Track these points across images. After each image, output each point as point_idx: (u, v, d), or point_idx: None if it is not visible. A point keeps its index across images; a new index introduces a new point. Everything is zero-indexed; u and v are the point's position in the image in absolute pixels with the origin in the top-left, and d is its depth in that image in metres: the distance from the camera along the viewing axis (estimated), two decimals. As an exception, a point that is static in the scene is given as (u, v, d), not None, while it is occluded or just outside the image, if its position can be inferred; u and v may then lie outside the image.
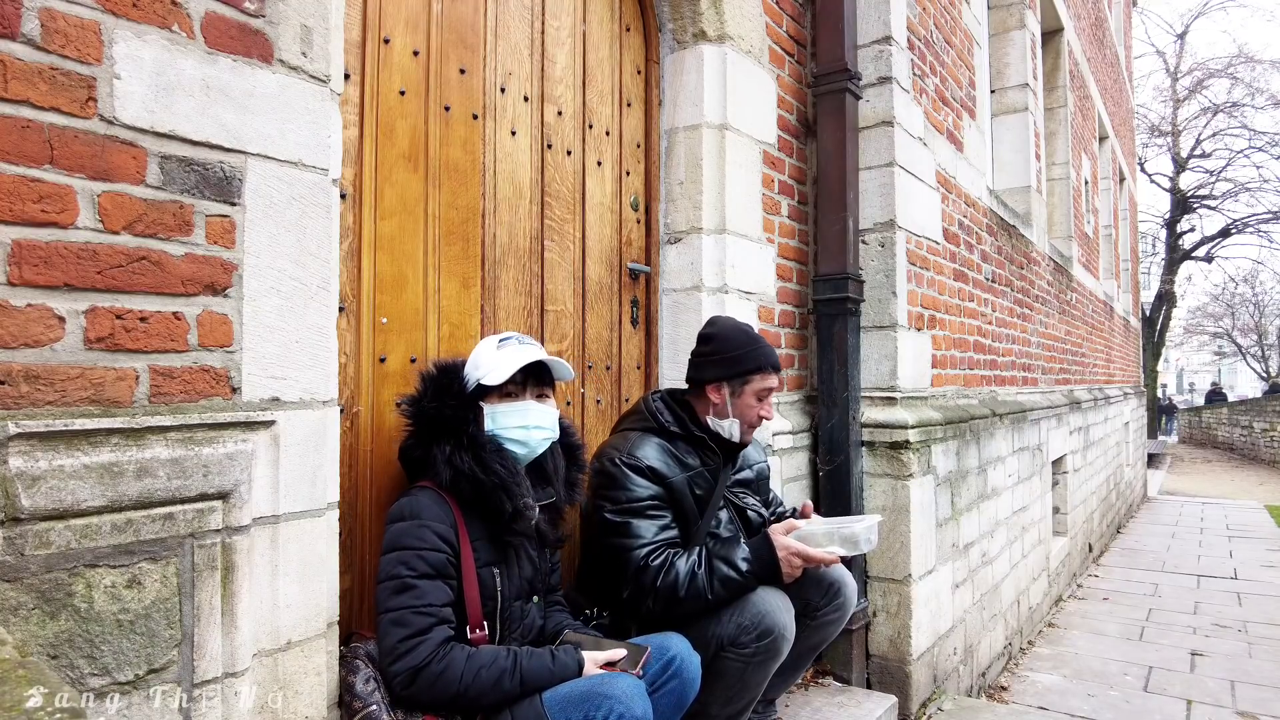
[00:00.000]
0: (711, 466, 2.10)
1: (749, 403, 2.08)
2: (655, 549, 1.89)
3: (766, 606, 1.84)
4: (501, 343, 1.73)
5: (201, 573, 1.24)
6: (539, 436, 1.72)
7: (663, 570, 1.86)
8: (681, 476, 2.02)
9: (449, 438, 1.63)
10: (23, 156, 1.10)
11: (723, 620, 1.84)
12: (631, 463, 1.96)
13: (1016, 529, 4.37)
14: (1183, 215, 21.17)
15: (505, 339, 1.74)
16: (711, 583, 1.85)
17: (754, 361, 2.07)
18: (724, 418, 2.09)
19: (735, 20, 2.69)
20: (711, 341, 2.12)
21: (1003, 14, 5.28)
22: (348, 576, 1.69)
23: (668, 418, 2.08)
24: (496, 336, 1.76)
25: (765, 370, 2.08)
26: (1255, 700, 3.56)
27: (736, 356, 2.07)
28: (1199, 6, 21.53)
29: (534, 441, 1.72)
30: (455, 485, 1.61)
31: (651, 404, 2.12)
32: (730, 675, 1.85)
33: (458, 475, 1.60)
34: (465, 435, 1.63)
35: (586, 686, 1.52)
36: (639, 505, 1.93)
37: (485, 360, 1.70)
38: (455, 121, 2.01)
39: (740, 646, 1.83)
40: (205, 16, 1.30)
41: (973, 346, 3.99)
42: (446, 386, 1.68)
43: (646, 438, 2.04)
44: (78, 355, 1.15)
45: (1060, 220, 6.61)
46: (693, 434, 2.08)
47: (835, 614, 2.09)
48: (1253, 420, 18.43)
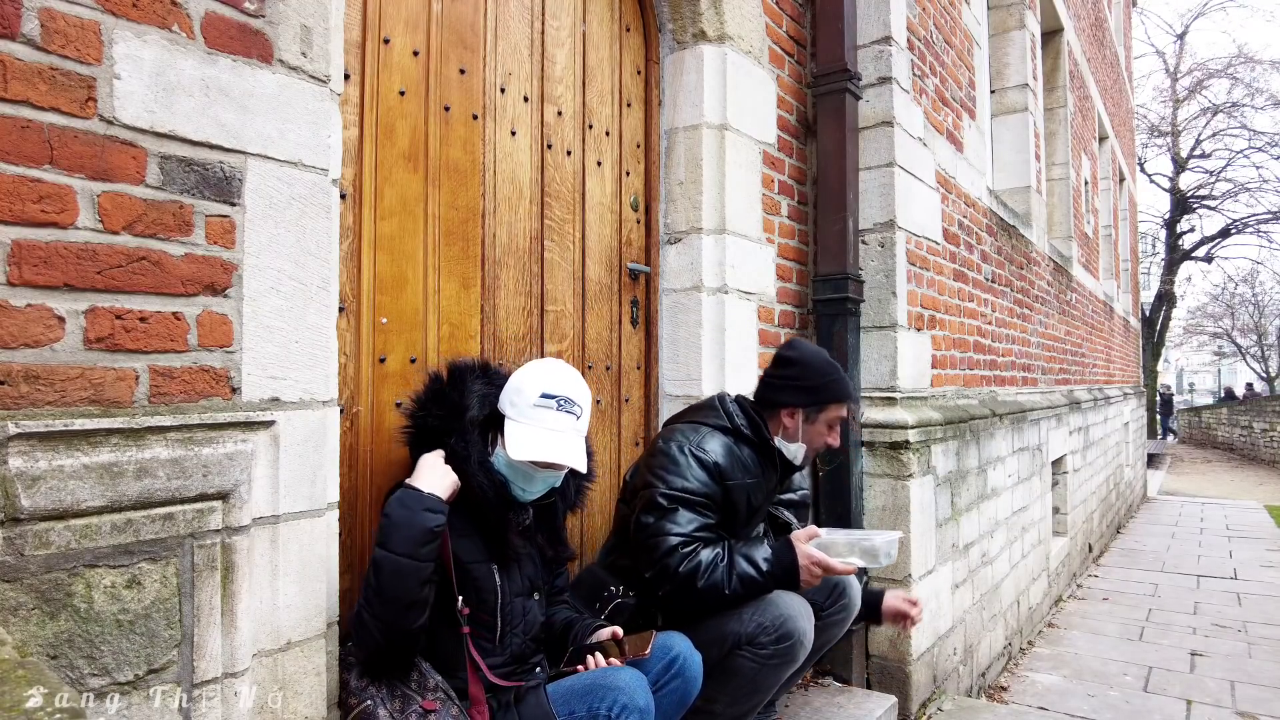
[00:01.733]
0: (770, 481, 2.11)
1: (820, 430, 2.09)
2: (687, 541, 1.89)
3: (790, 611, 1.84)
4: (544, 399, 1.61)
5: (201, 573, 1.24)
6: (539, 491, 1.68)
7: (686, 558, 1.85)
8: (742, 482, 2.01)
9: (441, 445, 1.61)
10: (22, 156, 1.10)
11: (743, 618, 1.83)
12: (700, 454, 1.96)
13: (1016, 529, 4.37)
14: (1182, 215, 21.19)
15: (550, 395, 1.62)
16: (730, 577, 1.84)
17: (834, 393, 2.08)
18: (793, 441, 2.09)
19: (735, 20, 2.69)
20: (793, 366, 2.11)
21: (1002, 14, 5.28)
22: (348, 576, 1.69)
23: (742, 421, 2.06)
24: (545, 381, 1.64)
25: (843, 402, 2.10)
26: (1255, 700, 3.56)
27: (819, 386, 2.07)
28: (1199, 6, 21.56)
29: (530, 496, 1.68)
30: None
31: (726, 405, 2.10)
32: (743, 675, 1.84)
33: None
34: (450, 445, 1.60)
35: (591, 679, 1.53)
36: (691, 497, 1.92)
37: (521, 403, 1.62)
38: (455, 121, 2.01)
39: (758, 646, 1.82)
40: (205, 16, 1.30)
41: (972, 347, 3.99)
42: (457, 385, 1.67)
43: (717, 435, 2.02)
44: (77, 355, 1.15)
45: (1060, 220, 6.61)
46: (766, 444, 2.07)
47: (840, 615, 2.10)
48: (1252, 420, 18.44)
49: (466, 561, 1.61)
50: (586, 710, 1.47)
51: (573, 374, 1.70)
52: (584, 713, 1.48)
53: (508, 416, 1.63)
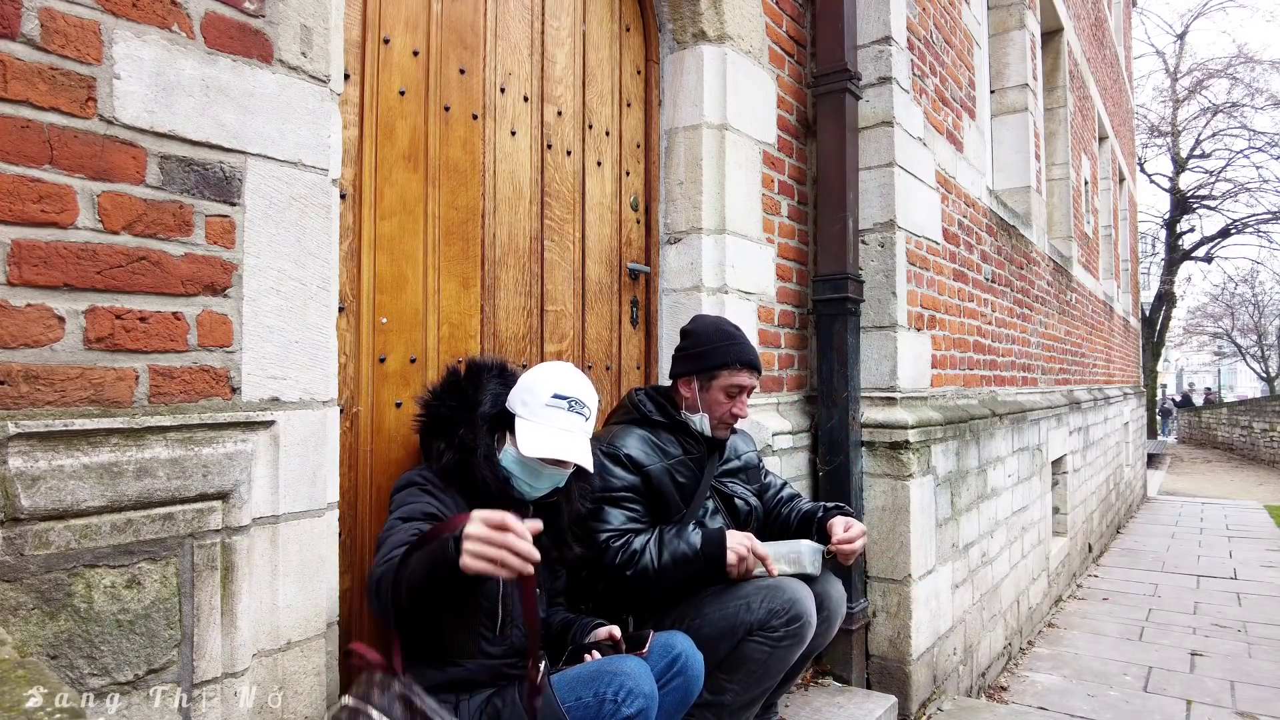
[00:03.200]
0: (695, 455, 2.13)
1: (718, 398, 2.10)
2: (618, 535, 1.94)
3: (797, 595, 1.91)
4: (555, 399, 1.66)
5: (201, 573, 1.24)
6: (542, 492, 1.72)
7: (619, 550, 1.91)
8: (661, 465, 2.06)
9: (449, 435, 1.66)
10: (22, 156, 1.10)
11: (753, 606, 1.89)
12: (610, 451, 2.02)
13: (1016, 529, 4.37)
14: (1182, 215, 21.18)
15: (562, 397, 1.67)
16: (660, 555, 1.90)
17: (721, 358, 2.09)
18: (695, 411, 2.13)
19: (735, 20, 2.69)
20: (687, 337, 2.18)
21: (1002, 14, 5.28)
22: (348, 577, 1.69)
23: (650, 408, 2.12)
24: (557, 382, 1.69)
25: (732, 367, 2.09)
26: (1255, 700, 3.56)
27: (704, 352, 2.10)
28: (1199, 7, 21.57)
29: (535, 494, 1.71)
30: (448, 474, 1.64)
31: (635, 397, 2.17)
32: (755, 660, 1.90)
33: (448, 468, 1.63)
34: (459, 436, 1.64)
35: (595, 667, 1.55)
36: (613, 495, 1.98)
37: (532, 402, 1.66)
38: (455, 121, 2.01)
39: (770, 630, 1.88)
40: (205, 16, 1.30)
41: (972, 347, 3.99)
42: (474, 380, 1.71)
43: (629, 429, 2.09)
44: (77, 355, 1.15)
45: (1060, 220, 6.61)
46: (675, 421, 2.12)
47: (823, 626, 2.12)
48: (1252, 420, 18.44)
49: None
50: (593, 695, 1.48)
51: (583, 378, 1.75)
52: (590, 698, 1.48)
53: (518, 415, 1.67)
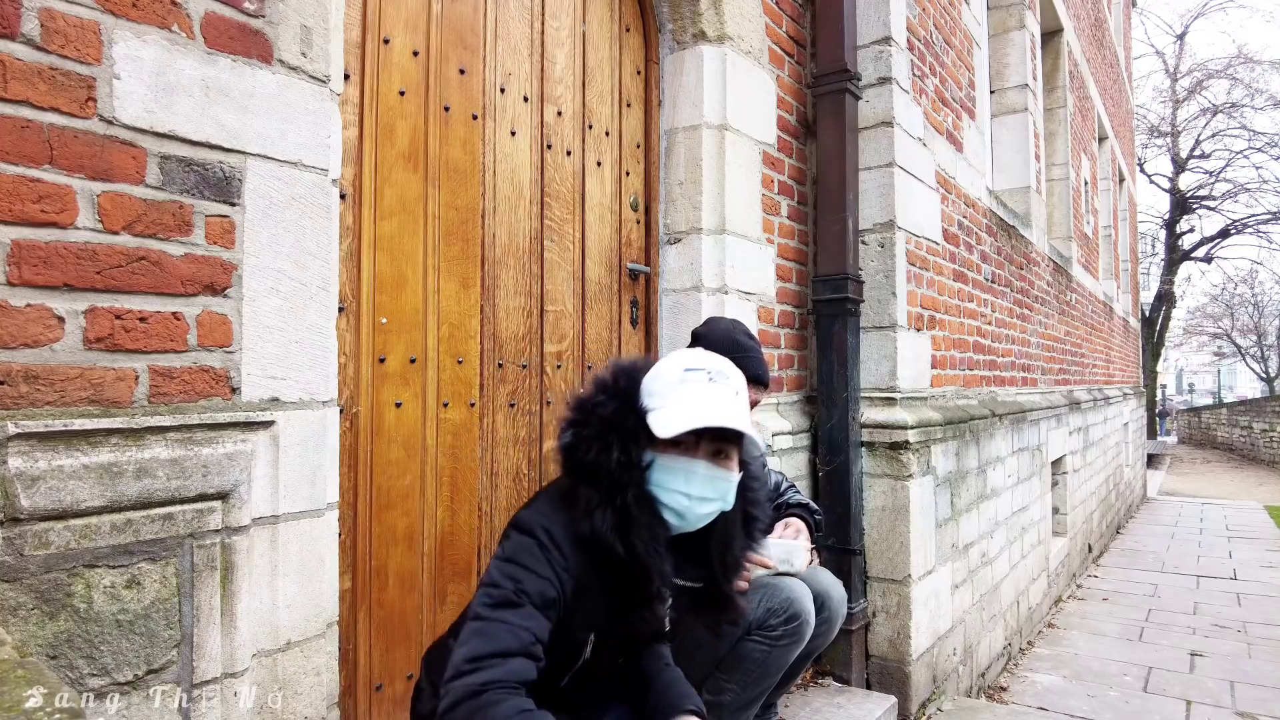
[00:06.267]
0: None
1: None
2: None
3: (795, 593, 1.90)
4: (688, 372, 1.35)
5: (201, 573, 1.24)
6: (701, 510, 1.35)
7: None
8: None
9: (602, 487, 1.31)
10: (22, 156, 1.10)
11: (752, 607, 1.89)
12: None
13: (1016, 529, 4.37)
14: (1182, 216, 21.20)
15: (694, 369, 1.36)
16: None
17: None
18: None
19: (735, 21, 2.69)
20: (698, 341, 2.12)
21: (1002, 14, 5.28)
22: (347, 577, 1.69)
23: None
24: (687, 357, 1.40)
25: None
26: (1255, 701, 3.56)
27: None
28: (1199, 7, 21.58)
29: (693, 515, 1.35)
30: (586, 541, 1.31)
31: None
32: (753, 659, 1.90)
33: (594, 536, 1.30)
34: (619, 492, 1.30)
35: None
36: None
37: (662, 389, 1.35)
38: (455, 122, 2.01)
39: (768, 629, 1.87)
40: (205, 16, 1.30)
41: (972, 347, 3.99)
42: (627, 375, 1.38)
43: None
44: (77, 355, 1.15)
45: (1060, 221, 6.61)
46: None
47: (823, 628, 2.12)
48: (1252, 421, 18.45)
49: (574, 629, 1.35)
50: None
51: (720, 356, 1.44)
52: None
53: (650, 410, 1.34)
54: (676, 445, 1.32)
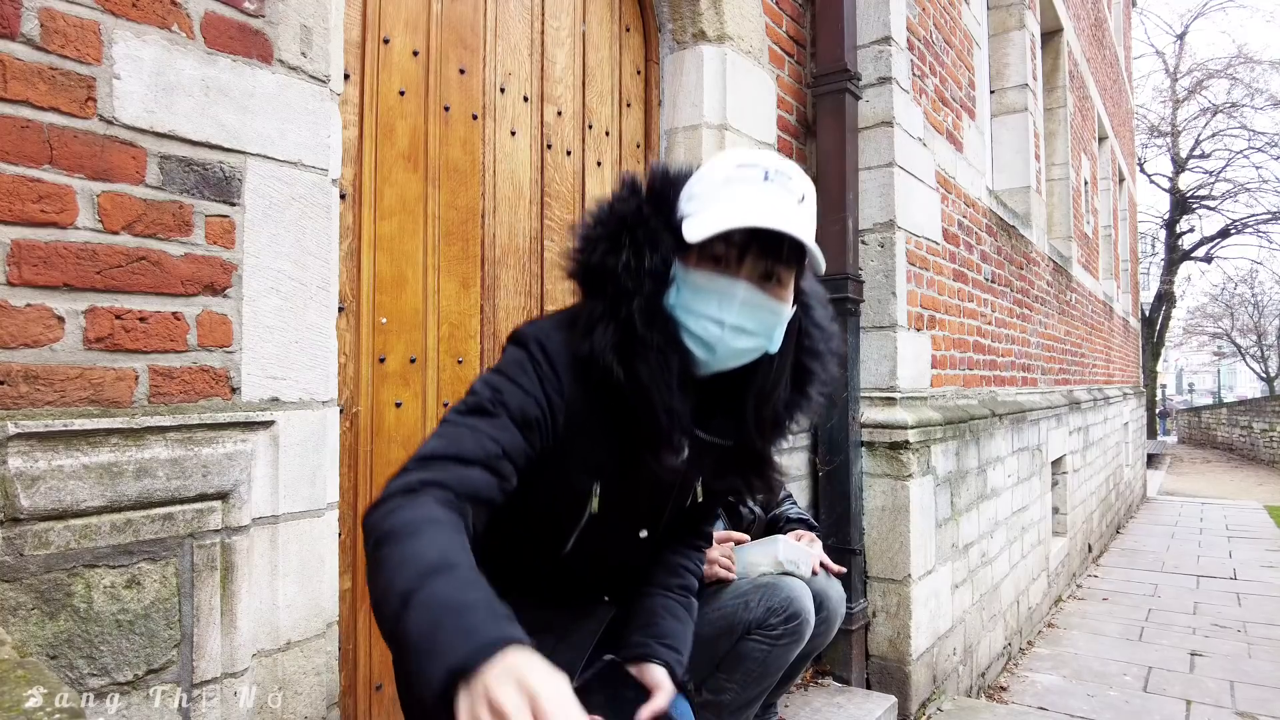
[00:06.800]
0: None
1: None
2: None
3: (795, 592, 1.91)
4: (740, 168, 1.08)
5: (201, 573, 1.24)
6: (736, 345, 1.09)
7: None
8: None
9: (607, 296, 1.10)
10: (22, 156, 1.10)
11: (751, 605, 1.89)
12: None
13: (1016, 529, 4.37)
14: (1182, 215, 21.21)
15: (748, 165, 1.08)
16: None
17: None
18: None
19: (735, 20, 2.69)
20: None
21: (1002, 14, 5.29)
22: (347, 577, 1.69)
23: None
24: (741, 153, 1.12)
25: None
26: (1255, 700, 3.56)
27: None
28: (1199, 7, 21.58)
29: (725, 350, 1.09)
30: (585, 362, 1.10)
31: None
32: (753, 659, 1.90)
33: (591, 356, 1.09)
34: (624, 302, 1.07)
35: None
36: None
37: (705, 190, 1.09)
38: (455, 121, 2.01)
39: (768, 629, 1.87)
40: (205, 16, 1.30)
41: (972, 347, 3.99)
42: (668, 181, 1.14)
43: None
44: (77, 355, 1.15)
45: (1060, 220, 6.61)
46: None
47: (821, 627, 2.12)
48: (1252, 420, 18.46)
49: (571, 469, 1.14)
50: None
51: (784, 158, 1.16)
52: None
53: (686, 216, 1.09)
54: (715, 261, 1.07)
